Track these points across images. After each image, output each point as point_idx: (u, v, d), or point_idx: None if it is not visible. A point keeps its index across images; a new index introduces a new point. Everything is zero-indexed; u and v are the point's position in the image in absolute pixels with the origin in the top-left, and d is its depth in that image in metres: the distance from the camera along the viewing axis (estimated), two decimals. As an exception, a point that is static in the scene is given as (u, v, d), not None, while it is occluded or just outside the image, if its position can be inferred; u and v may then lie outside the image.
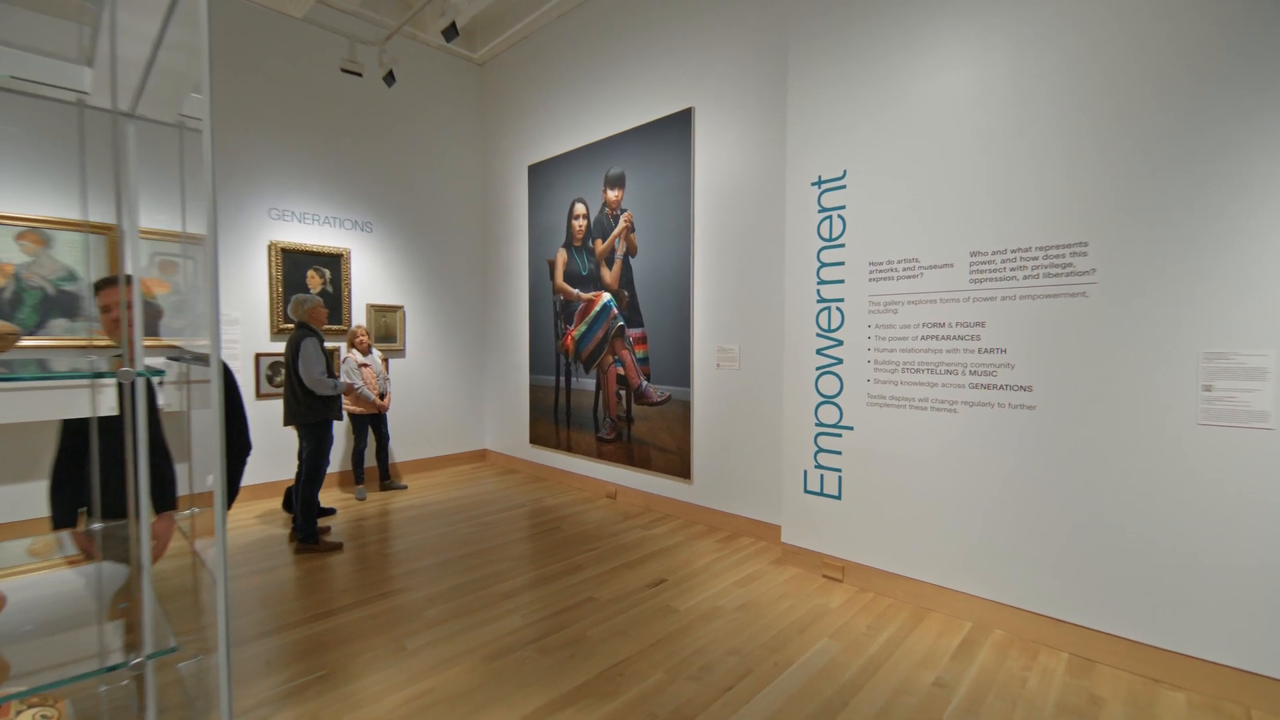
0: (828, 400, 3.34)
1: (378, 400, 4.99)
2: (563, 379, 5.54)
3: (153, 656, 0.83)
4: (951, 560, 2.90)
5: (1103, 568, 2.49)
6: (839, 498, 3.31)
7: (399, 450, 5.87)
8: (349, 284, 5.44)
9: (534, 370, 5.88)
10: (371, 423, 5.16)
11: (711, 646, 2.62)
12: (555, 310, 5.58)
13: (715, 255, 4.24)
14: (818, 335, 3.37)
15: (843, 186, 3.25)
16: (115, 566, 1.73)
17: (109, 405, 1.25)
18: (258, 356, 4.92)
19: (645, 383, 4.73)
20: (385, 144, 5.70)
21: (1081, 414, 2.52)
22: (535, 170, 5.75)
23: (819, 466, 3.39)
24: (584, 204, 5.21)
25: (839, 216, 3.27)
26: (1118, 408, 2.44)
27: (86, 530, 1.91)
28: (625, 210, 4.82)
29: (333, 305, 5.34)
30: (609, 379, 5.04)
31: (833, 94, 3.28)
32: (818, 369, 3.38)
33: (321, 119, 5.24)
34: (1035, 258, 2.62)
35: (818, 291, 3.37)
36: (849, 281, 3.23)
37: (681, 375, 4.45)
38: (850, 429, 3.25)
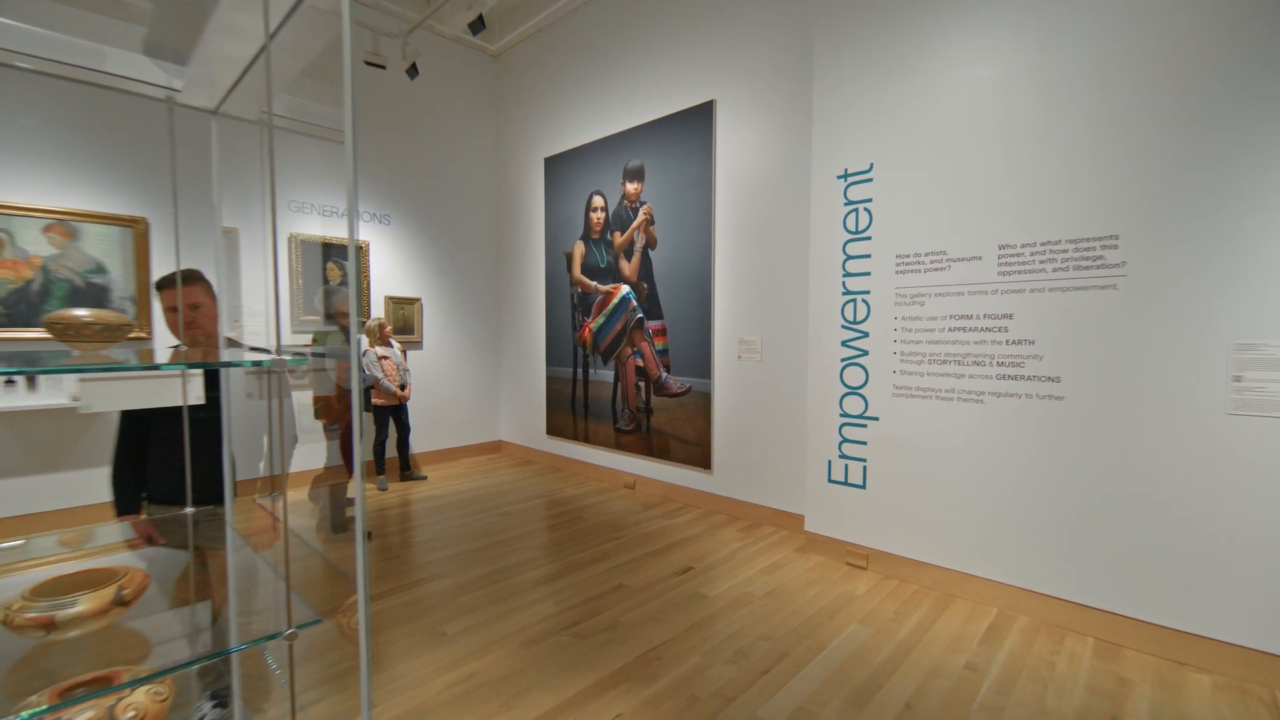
0: (853, 391, 3.38)
1: (398, 392, 5.04)
2: (580, 371, 5.58)
3: (302, 627, 0.88)
4: (976, 547, 2.96)
5: (1128, 554, 2.54)
6: (863, 487, 3.36)
7: (416, 441, 5.92)
8: (368, 276, 5.47)
9: (551, 362, 5.93)
10: (393, 414, 5.21)
11: (744, 631, 2.68)
12: (573, 302, 5.62)
13: (737, 248, 4.27)
14: (843, 327, 3.41)
15: (869, 180, 3.27)
16: (175, 552, 1.78)
17: (196, 394, 1.29)
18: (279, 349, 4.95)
19: (665, 374, 4.77)
20: (401, 137, 5.71)
21: (1110, 404, 2.57)
22: (551, 162, 5.76)
23: (843, 456, 3.44)
24: (602, 196, 5.23)
25: (865, 209, 3.30)
26: (1147, 397, 2.48)
27: (149, 518, 1.96)
28: (645, 203, 4.84)
29: (352, 297, 5.37)
30: (628, 370, 5.09)
31: (859, 87, 3.30)
32: (843, 360, 3.42)
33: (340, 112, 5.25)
34: (1065, 250, 2.65)
35: (843, 284, 3.40)
36: (875, 274, 3.27)
37: (702, 367, 4.49)
38: (875, 419, 3.29)
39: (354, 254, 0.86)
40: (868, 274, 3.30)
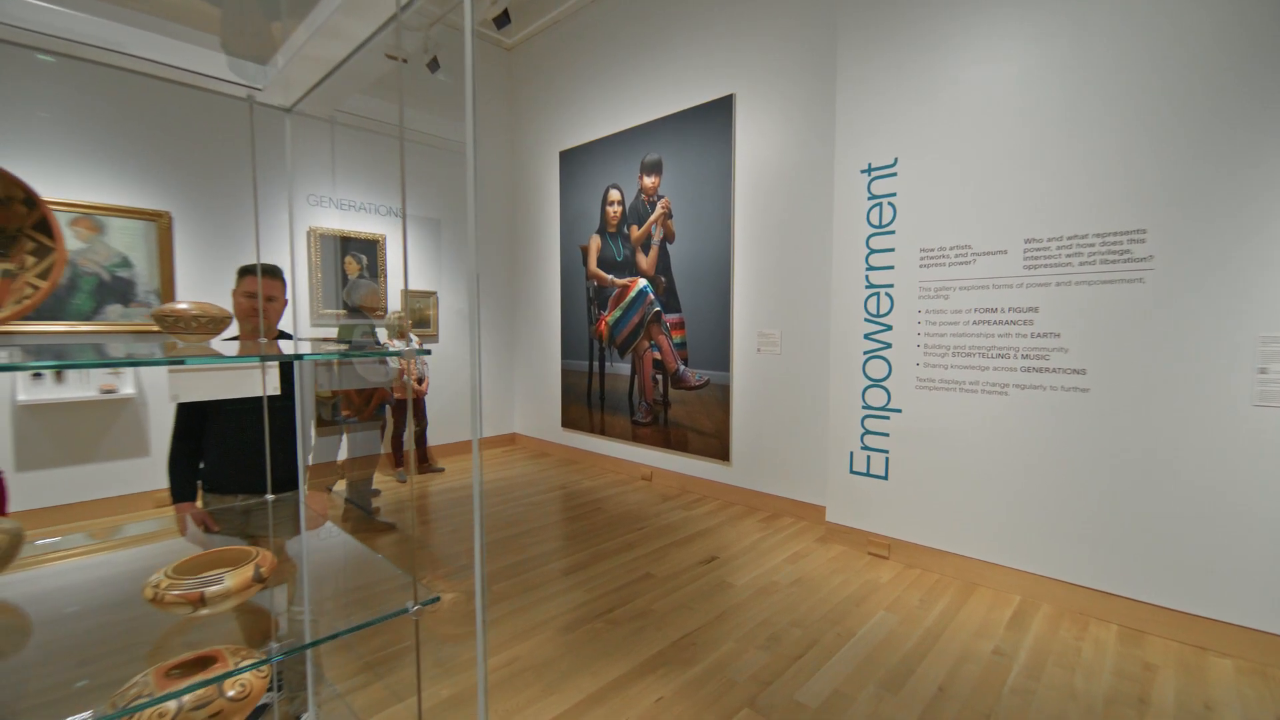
0: (875, 384, 3.43)
1: (416, 385, 5.08)
2: (596, 363, 5.62)
3: (425, 604, 0.93)
4: (999, 536, 3.01)
5: (1151, 542, 2.60)
6: (885, 478, 3.41)
7: (431, 434, 5.97)
8: (384, 270, 5.50)
9: (566, 355, 5.97)
10: (411, 406, 5.25)
11: (774, 619, 2.73)
12: (589, 296, 5.65)
13: (756, 241, 4.30)
14: (866, 320, 3.45)
15: (894, 174, 3.30)
16: (230, 540, 1.82)
17: (272, 385, 1.33)
18: (297, 342, 4.99)
19: (683, 367, 4.81)
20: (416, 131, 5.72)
21: (1136, 395, 2.61)
22: (566, 156, 5.78)
23: (865, 448, 3.49)
24: (618, 190, 5.26)
25: (889, 203, 3.33)
26: (1172, 389, 2.53)
27: (200, 508, 2.01)
28: (662, 196, 4.87)
29: (369, 291, 5.40)
30: (644, 363, 5.13)
31: (883, 81, 3.33)
32: (865, 353, 3.46)
33: (358, 106, 5.26)
34: (1092, 244, 2.69)
35: (866, 277, 3.44)
36: (899, 268, 3.30)
37: (721, 360, 4.54)
38: (898, 411, 3.34)
39: (474, 252, 0.90)
40: (891, 268, 3.33)
